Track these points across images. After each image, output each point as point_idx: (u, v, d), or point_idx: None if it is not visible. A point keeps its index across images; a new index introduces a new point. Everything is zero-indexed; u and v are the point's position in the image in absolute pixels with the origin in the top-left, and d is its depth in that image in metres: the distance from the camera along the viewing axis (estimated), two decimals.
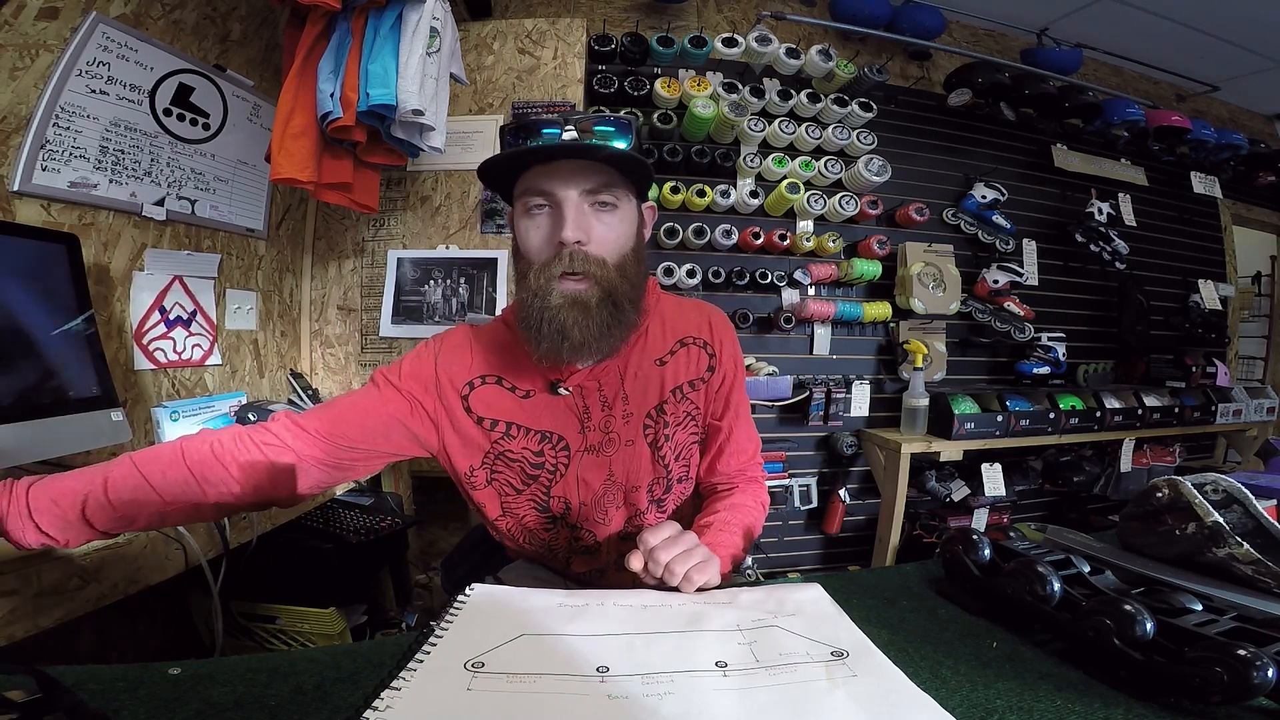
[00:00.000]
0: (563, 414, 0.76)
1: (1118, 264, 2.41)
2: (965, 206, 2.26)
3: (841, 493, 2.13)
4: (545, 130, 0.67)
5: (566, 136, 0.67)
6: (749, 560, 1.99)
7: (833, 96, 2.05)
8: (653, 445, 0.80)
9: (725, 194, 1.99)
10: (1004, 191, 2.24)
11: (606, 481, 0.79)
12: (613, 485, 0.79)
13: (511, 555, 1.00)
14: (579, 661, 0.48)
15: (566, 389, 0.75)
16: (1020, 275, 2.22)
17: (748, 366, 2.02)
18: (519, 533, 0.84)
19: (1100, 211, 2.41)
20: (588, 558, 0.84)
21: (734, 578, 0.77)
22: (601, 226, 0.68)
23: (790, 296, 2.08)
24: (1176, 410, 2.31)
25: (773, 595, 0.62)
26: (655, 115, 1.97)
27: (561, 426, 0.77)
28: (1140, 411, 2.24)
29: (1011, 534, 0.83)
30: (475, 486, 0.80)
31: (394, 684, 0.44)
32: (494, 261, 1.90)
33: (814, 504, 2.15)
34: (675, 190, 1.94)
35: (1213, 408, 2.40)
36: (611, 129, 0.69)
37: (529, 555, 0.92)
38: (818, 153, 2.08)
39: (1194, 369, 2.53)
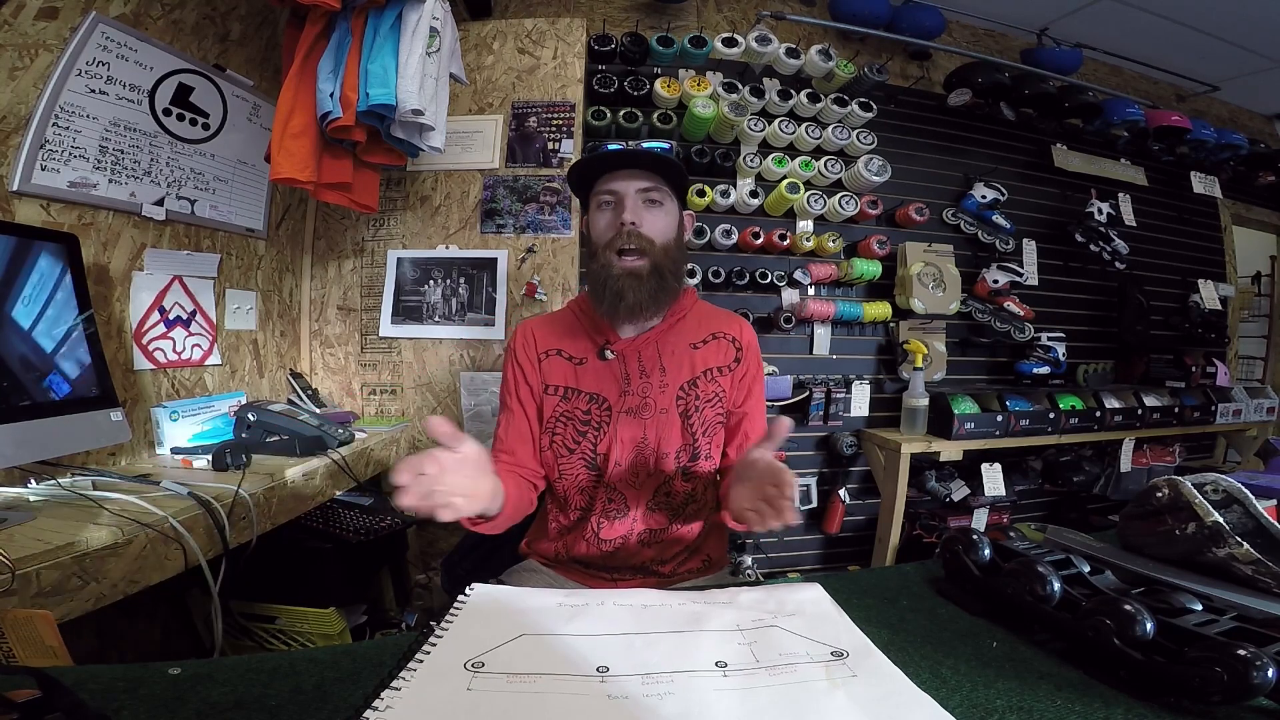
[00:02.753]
0: (608, 378, 0.92)
1: (1118, 264, 2.41)
2: (965, 206, 2.26)
3: (841, 493, 2.13)
4: (612, 148, 0.91)
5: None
6: (749, 560, 1.99)
7: (833, 96, 2.05)
8: (684, 415, 0.92)
9: (725, 194, 1.98)
10: (1004, 191, 2.24)
11: (641, 443, 0.91)
12: (646, 448, 0.91)
13: (523, 554, 1.01)
14: (579, 661, 0.48)
15: (612, 353, 0.92)
16: (1020, 275, 2.22)
17: None
18: (573, 493, 0.94)
19: (1100, 211, 2.41)
20: (620, 522, 0.93)
21: (735, 578, 0.78)
22: (650, 216, 0.89)
23: (790, 296, 2.08)
24: (1176, 410, 2.31)
25: (773, 595, 0.62)
26: (655, 115, 1.97)
27: (606, 389, 0.92)
28: (1140, 411, 2.23)
29: (1011, 534, 0.83)
30: (542, 449, 0.95)
31: (394, 684, 0.44)
32: (494, 261, 1.90)
33: (814, 504, 2.15)
34: None
35: (1212, 408, 2.40)
36: (659, 148, 0.91)
37: (559, 550, 0.97)
38: (818, 153, 2.08)
39: (1194, 369, 2.52)
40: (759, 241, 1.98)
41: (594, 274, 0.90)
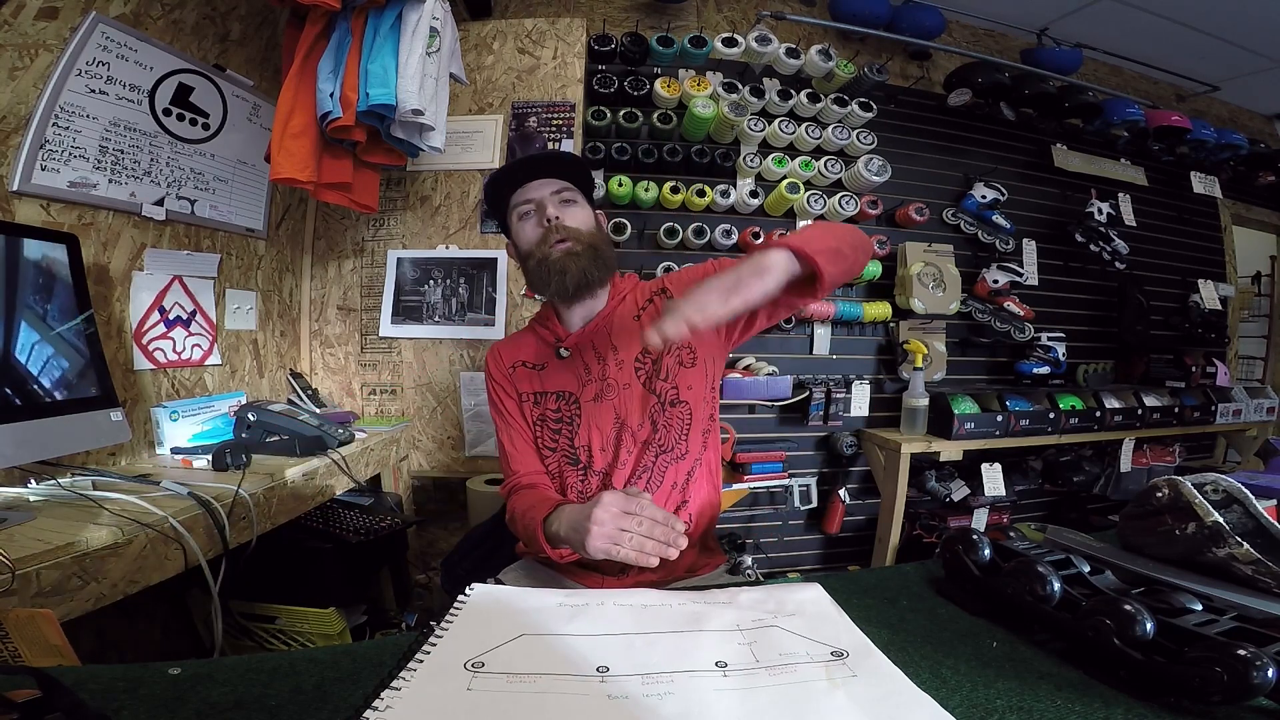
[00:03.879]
0: (568, 374, 0.97)
1: (1118, 264, 2.41)
2: (965, 206, 2.26)
3: (841, 493, 2.13)
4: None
5: None
6: (749, 560, 1.98)
7: (833, 96, 2.05)
8: (646, 384, 0.95)
9: (725, 194, 1.99)
10: (1004, 191, 2.24)
11: (615, 424, 0.94)
12: (622, 427, 0.94)
13: (521, 554, 1.01)
14: (579, 661, 0.48)
15: (566, 350, 0.97)
16: (1020, 275, 2.21)
17: (747, 366, 2.01)
18: (574, 497, 0.95)
19: (1100, 211, 2.41)
20: None
21: (735, 578, 0.77)
22: (569, 211, 0.96)
23: None
24: (1176, 410, 2.30)
25: (773, 595, 0.62)
26: (655, 115, 1.97)
27: (569, 384, 0.96)
28: (1140, 411, 2.23)
29: (1011, 534, 0.83)
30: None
31: (394, 684, 0.44)
32: (494, 261, 1.90)
33: (814, 504, 2.15)
34: (675, 190, 1.94)
35: (1212, 408, 2.39)
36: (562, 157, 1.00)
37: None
38: (818, 153, 2.08)
39: (1194, 369, 2.52)
40: (759, 242, 1.98)
41: (533, 272, 0.96)
